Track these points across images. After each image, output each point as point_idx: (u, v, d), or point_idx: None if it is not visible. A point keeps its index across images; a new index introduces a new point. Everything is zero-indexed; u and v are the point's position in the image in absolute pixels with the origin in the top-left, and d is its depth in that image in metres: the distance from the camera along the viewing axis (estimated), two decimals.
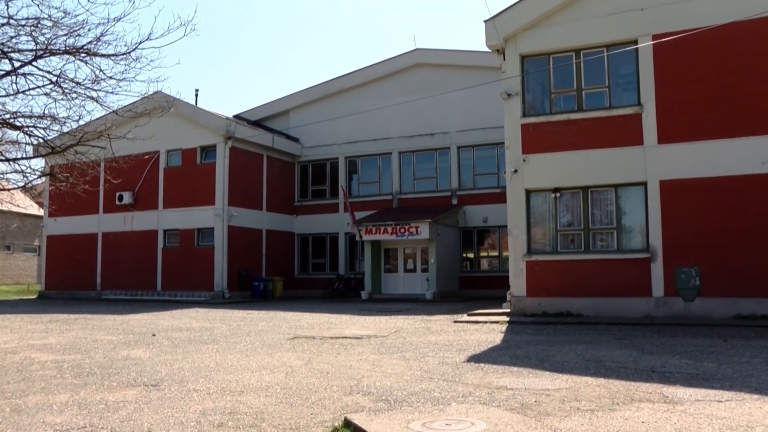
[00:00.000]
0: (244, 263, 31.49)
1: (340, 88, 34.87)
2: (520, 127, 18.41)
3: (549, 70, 18.49)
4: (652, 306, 16.67)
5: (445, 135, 32.14)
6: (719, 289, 16.09)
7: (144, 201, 32.37)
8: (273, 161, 34.20)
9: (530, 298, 17.79)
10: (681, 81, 16.95)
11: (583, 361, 9.92)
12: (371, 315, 20.07)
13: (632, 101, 17.54)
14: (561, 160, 17.92)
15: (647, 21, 17.31)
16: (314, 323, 17.37)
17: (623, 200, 17.58)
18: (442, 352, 11.18)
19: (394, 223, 29.30)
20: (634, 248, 17.23)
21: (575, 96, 18.18)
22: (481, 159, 31.70)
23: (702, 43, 16.53)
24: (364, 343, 12.72)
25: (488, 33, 18.80)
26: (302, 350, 11.81)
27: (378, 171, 34.18)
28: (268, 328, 16.24)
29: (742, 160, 16.15)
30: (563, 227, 18.07)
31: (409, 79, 33.28)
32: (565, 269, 17.68)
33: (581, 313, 17.10)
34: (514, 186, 18.35)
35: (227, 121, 31.43)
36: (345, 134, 34.33)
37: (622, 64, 17.94)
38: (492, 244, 31.78)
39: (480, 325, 16.21)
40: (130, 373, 9.31)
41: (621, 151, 17.39)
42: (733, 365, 9.36)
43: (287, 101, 36.33)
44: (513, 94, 18.50)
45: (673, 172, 16.82)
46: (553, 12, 18.35)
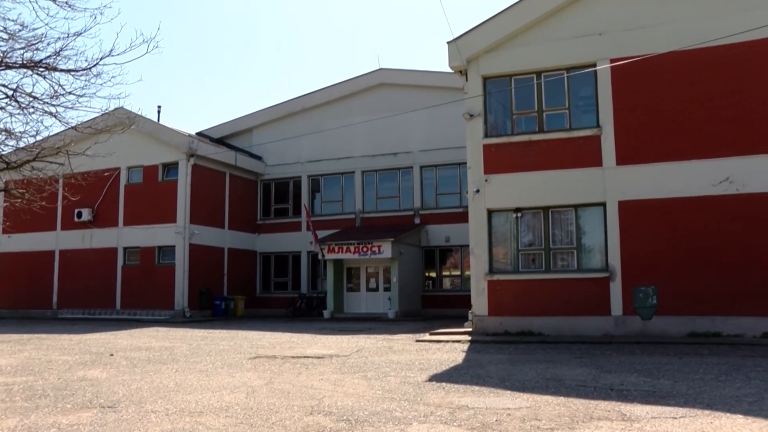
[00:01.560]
0: (205, 282, 31.13)
1: (304, 106, 34.87)
2: (482, 148, 18.59)
3: (511, 92, 18.74)
4: (611, 324, 16.88)
5: (408, 154, 32.30)
6: (675, 308, 16.38)
7: (104, 218, 31.83)
8: (236, 179, 33.97)
9: (492, 317, 17.88)
10: (638, 104, 17.32)
11: (544, 380, 9.99)
12: (333, 334, 19.97)
13: (591, 123, 17.85)
14: (522, 181, 18.13)
15: (605, 45, 17.68)
16: (276, 342, 17.22)
17: (583, 220, 17.83)
18: (403, 372, 11.17)
19: (357, 242, 29.27)
20: (594, 267, 17.46)
21: (536, 117, 18.44)
22: (443, 179, 31.90)
23: (658, 67, 16.95)
24: (326, 363, 12.65)
25: (451, 54, 19.02)
26: (263, 370, 11.70)
27: (341, 190, 34.17)
28: (229, 347, 16.05)
29: (696, 181, 16.53)
30: (524, 247, 18.24)
31: (373, 98, 33.44)
32: (526, 288, 17.83)
33: (542, 331, 17.24)
34: (476, 206, 18.50)
35: (190, 138, 31.17)
36: (308, 153, 34.30)
37: (581, 86, 18.27)
38: (454, 264, 31.91)
39: (442, 344, 16.24)
40: (86, 395, 9.11)
41: (581, 172, 17.66)
42: (688, 382, 9.53)
43: (250, 119, 36.20)
44: (475, 115, 18.70)
45: (631, 193, 17.13)
46: (514, 35, 18.64)
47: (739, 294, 15.88)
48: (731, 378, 9.90)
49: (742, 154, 16.23)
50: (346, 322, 26.71)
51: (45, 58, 11.08)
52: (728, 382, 9.48)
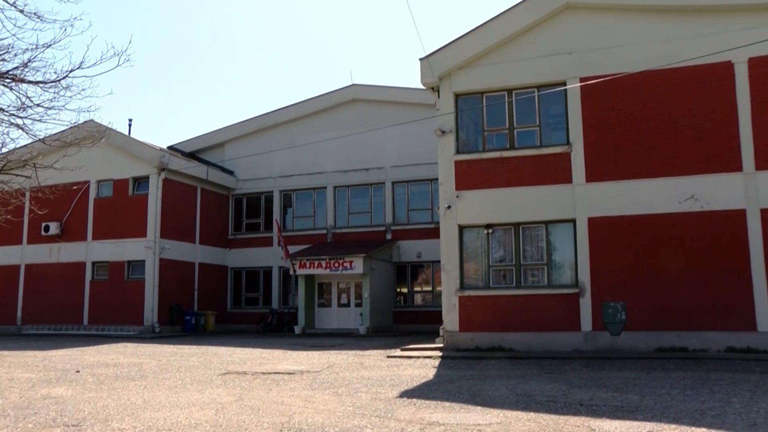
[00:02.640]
0: (175, 297, 30.77)
1: (276, 121, 34.81)
2: (453, 164, 18.71)
3: (482, 109, 18.90)
4: (581, 340, 17.01)
5: (380, 170, 32.37)
6: (643, 323, 16.57)
7: (72, 232, 31.35)
8: (207, 194, 33.73)
9: (463, 333, 17.92)
10: (607, 122, 17.59)
11: (515, 396, 10.03)
12: (304, 350, 19.86)
13: (562, 140, 18.07)
14: (493, 197, 18.26)
15: (575, 64, 17.96)
16: (246, 358, 17.07)
17: (553, 236, 17.99)
18: (375, 388, 11.14)
19: (329, 258, 29.19)
20: (564, 283, 17.60)
21: (507, 134, 18.61)
22: (415, 194, 31.99)
23: (627, 87, 17.24)
24: (297, 379, 12.57)
25: (423, 71, 19.17)
26: (233, 386, 11.59)
27: (313, 205, 34.09)
28: (199, 363, 15.88)
29: (663, 199, 16.81)
30: (495, 263, 18.34)
31: (345, 114, 33.49)
32: (497, 304, 17.90)
33: (513, 347, 17.30)
34: (447, 222, 18.58)
35: (161, 152, 30.90)
36: (280, 168, 34.20)
37: (552, 104, 18.49)
38: (426, 279, 31.95)
39: (413, 360, 16.22)
40: (50, 413, 8.94)
41: (551, 189, 17.85)
42: (655, 397, 9.64)
43: (223, 133, 36.03)
44: (447, 131, 18.82)
45: (601, 210, 17.34)
46: (486, 52, 18.84)
47: (705, 309, 16.15)
48: (696, 392, 10.05)
49: (706, 172, 16.58)
50: (318, 337, 26.57)
51: (12, 69, 10.94)
52: (693, 396, 9.62)
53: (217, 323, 32.68)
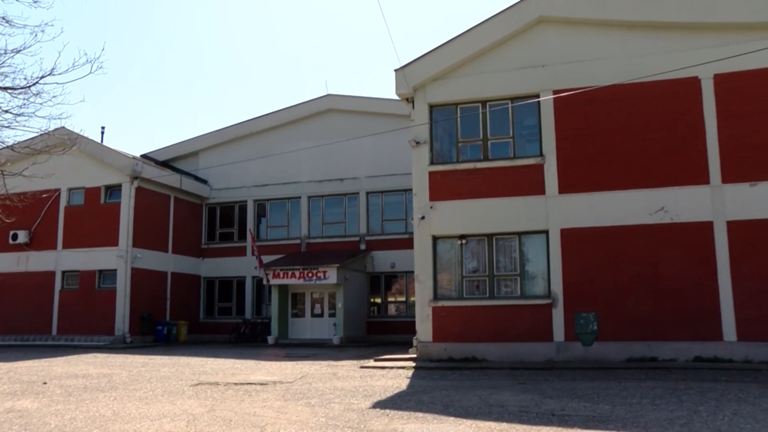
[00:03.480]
0: (147, 306, 30.43)
1: (251, 131, 34.69)
2: (427, 175, 18.78)
3: (456, 120, 19.02)
4: (554, 350, 17.12)
5: (355, 180, 32.40)
6: (615, 334, 16.74)
7: (41, 241, 30.86)
8: (180, 203, 33.47)
9: (436, 344, 17.94)
10: (580, 135, 17.80)
11: (487, 406, 10.07)
12: (277, 360, 19.75)
13: (535, 152, 18.23)
14: (467, 208, 18.36)
15: (548, 77, 18.17)
16: (219, 369, 16.93)
17: (526, 247, 18.12)
18: (348, 399, 11.11)
19: (302, 268, 29.11)
20: (537, 294, 17.72)
21: (481, 145, 18.74)
22: (389, 205, 32.04)
23: (599, 100, 17.47)
24: (269, 390, 12.50)
25: (398, 82, 19.26)
26: (205, 397, 11.49)
27: (287, 215, 33.98)
28: (171, 373, 15.72)
29: (634, 210, 17.04)
30: (469, 273, 18.41)
31: (320, 124, 33.49)
32: (470, 315, 17.97)
33: (486, 358, 17.36)
34: (421, 232, 18.63)
35: (134, 160, 30.60)
36: (254, 177, 34.06)
37: (525, 116, 18.66)
38: (399, 290, 31.95)
39: (386, 370, 16.21)
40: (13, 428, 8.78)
41: (524, 200, 17.99)
42: (626, 406, 9.74)
43: (197, 142, 35.81)
44: (421, 142, 18.91)
45: (573, 221, 17.52)
46: (460, 64, 18.98)
47: (674, 320, 16.38)
48: (665, 401, 10.17)
49: (676, 185, 16.86)
50: (291, 348, 26.45)
51: None
52: (662, 406, 9.74)
53: (190, 333, 32.38)
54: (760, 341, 15.75)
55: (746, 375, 13.83)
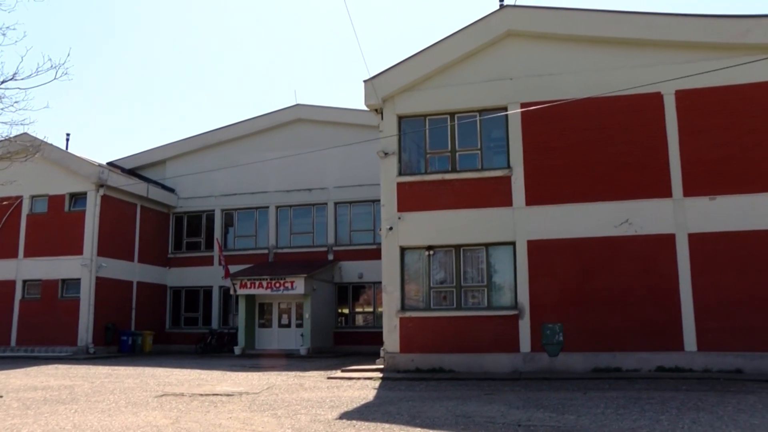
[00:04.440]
0: (112, 316, 29.97)
1: (219, 139, 34.51)
2: (395, 186, 18.86)
3: (425, 131, 19.15)
4: (520, 361, 17.26)
5: (323, 191, 32.38)
6: (580, 344, 16.95)
7: (1, 249, 30.25)
8: (147, 211, 33.11)
9: (403, 355, 17.97)
10: (547, 147, 18.03)
11: (454, 417, 10.11)
12: (244, 371, 19.60)
13: (502, 164, 18.42)
14: (435, 219, 18.46)
15: (516, 90, 18.40)
16: (184, 379, 16.76)
17: (494, 259, 18.26)
18: (314, 410, 11.08)
19: (270, 278, 28.97)
20: (504, 305, 17.85)
21: (449, 157, 18.88)
22: (357, 215, 32.08)
23: (566, 113, 17.72)
24: (235, 401, 12.40)
25: (367, 93, 19.33)
26: (170, 408, 11.36)
27: (255, 225, 33.82)
28: (135, 385, 15.51)
29: (600, 223, 17.30)
30: (436, 284, 18.49)
31: (289, 134, 33.45)
32: (437, 326, 18.03)
33: (453, 368, 17.44)
34: (389, 243, 18.68)
35: (99, 168, 30.23)
36: (222, 186, 33.87)
37: (493, 128, 18.86)
38: (367, 300, 31.95)
39: (353, 381, 16.19)
40: None
41: (492, 212, 18.15)
42: (590, 416, 9.86)
43: (164, 151, 35.50)
44: (390, 153, 18.99)
45: (540, 233, 17.71)
46: (429, 76, 19.13)
47: (637, 330, 16.64)
48: (628, 411, 10.33)
49: (640, 197, 17.18)
50: (258, 358, 26.27)
51: None
52: (626, 415, 9.89)
53: (155, 343, 32.00)
54: (718, 351, 16.11)
55: (705, 384, 14.16)
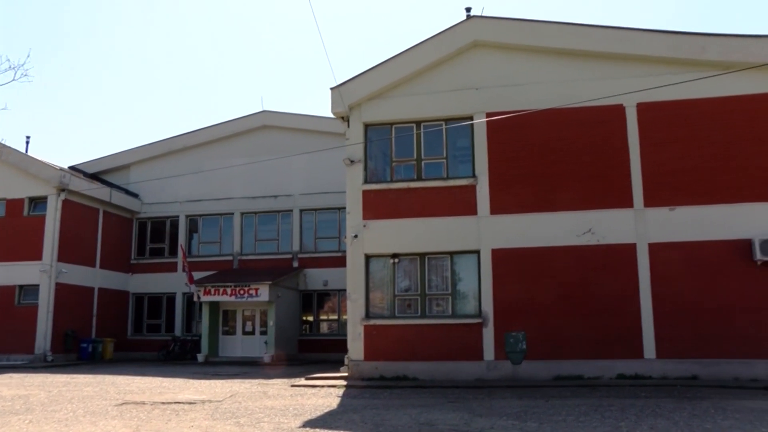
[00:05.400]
0: (72, 323, 29.44)
1: (184, 145, 34.23)
2: (361, 193, 18.90)
3: (391, 140, 19.22)
4: (484, 369, 17.37)
5: (289, 198, 32.30)
6: (543, 353, 17.13)
7: None
8: (110, 216, 32.65)
9: (368, 362, 17.98)
10: (512, 157, 18.23)
11: (417, 425, 10.13)
12: (207, 378, 19.41)
13: (468, 173, 18.56)
14: (400, 227, 18.53)
15: (482, 100, 18.59)
16: (146, 387, 16.53)
17: (458, 267, 18.38)
18: (278, 418, 11.03)
19: (234, 285, 28.77)
20: (468, 313, 17.97)
21: (415, 165, 18.98)
22: (323, 223, 32.07)
23: (531, 123, 17.96)
24: (198, 409, 12.28)
25: (334, 100, 19.35)
26: (130, 417, 11.20)
27: (219, 231, 33.58)
28: (94, 393, 15.25)
29: (563, 232, 17.55)
30: (401, 292, 18.54)
31: (255, 140, 33.34)
32: (402, 333, 18.08)
33: (417, 376, 17.49)
34: (354, 251, 18.69)
35: (61, 172, 29.71)
36: (187, 192, 33.58)
37: (459, 137, 19.01)
38: (332, 308, 31.91)
39: (318, 389, 16.14)
40: None
41: (457, 220, 18.27)
42: (552, 423, 9.98)
43: (128, 155, 35.09)
44: (356, 161, 19.02)
45: (504, 242, 17.88)
46: (395, 84, 19.23)
47: (599, 339, 16.90)
48: (589, 418, 10.48)
49: (602, 207, 17.48)
50: (221, 366, 26.05)
51: None
52: (587, 422, 10.03)
53: (117, 351, 31.55)
54: (676, 358, 16.48)
55: (663, 391, 14.47)
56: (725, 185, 17.01)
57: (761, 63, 16.58)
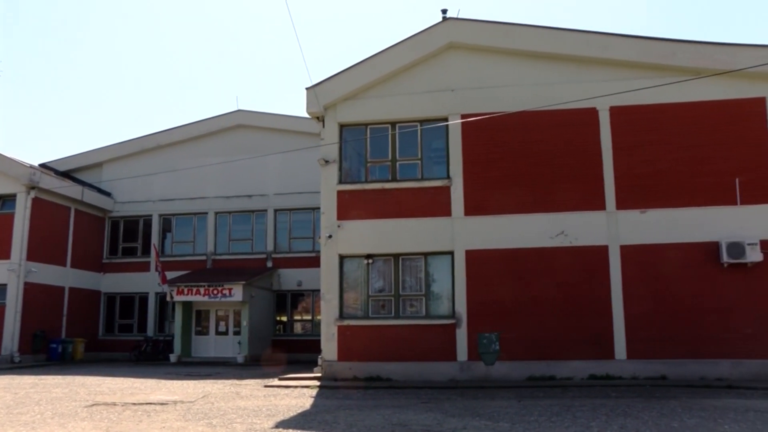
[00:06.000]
0: (42, 323, 28.99)
1: (158, 143, 33.93)
2: (336, 194, 18.89)
3: (366, 140, 19.24)
4: (457, 370, 17.46)
5: (263, 197, 32.17)
6: (516, 353, 17.26)
7: None
8: (81, 215, 32.23)
9: (341, 363, 17.97)
10: (486, 158, 18.34)
11: (390, 426, 10.15)
12: (179, 379, 19.27)
13: (442, 174, 18.64)
14: (374, 228, 18.55)
15: (457, 101, 18.68)
16: (117, 388, 16.37)
17: (432, 268, 18.44)
18: (250, 418, 10.99)
19: (207, 285, 28.60)
20: (442, 314, 18.04)
21: (390, 166, 19.02)
22: (297, 223, 31.99)
23: (506, 125, 18.09)
24: (170, 410, 12.19)
25: (309, 100, 19.32)
26: (100, 419, 11.08)
27: (193, 230, 33.35)
28: (63, 394, 15.04)
29: (537, 234, 17.70)
30: (375, 293, 18.57)
31: (230, 139, 33.16)
32: (375, 334, 18.10)
33: (391, 377, 17.52)
34: (328, 251, 18.68)
35: (31, 169, 29.24)
36: (160, 191, 33.29)
37: (434, 138, 19.08)
38: (306, 308, 31.84)
39: (291, 389, 16.11)
40: None
41: (431, 221, 18.34)
42: (524, 424, 10.06)
43: (101, 153, 34.66)
44: (330, 161, 19.01)
45: (478, 243, 17.98)
46: (371, 85, 19.25)
47: (571, 340, 17.08)
48: (561, 418, 10.58)
49: (575, 210, 17.66)
50: (194, 366, 25.87)
51: None
52: (558, 422, 10.13)
53: (88, 351, 31.15)
54: (645, 359, 16.75)
55: (633, 391, 14.68)
56: (694, 189, 17.30)
57: (728, 70, 16.90)
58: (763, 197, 17.03)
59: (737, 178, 17.15)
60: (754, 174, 17.16)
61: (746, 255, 16.52)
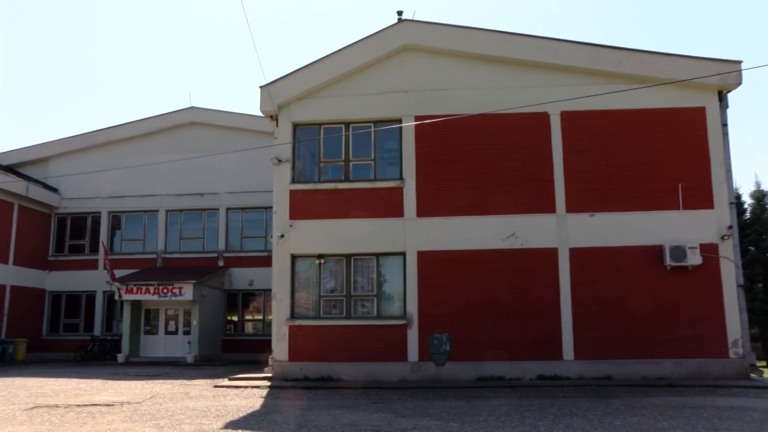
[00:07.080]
0: None
1: (108, 139, 33.25)
2: (288, 193, 18.82)
3: (319, 140, 19.21)
4: (408, 370, 17.56)
5: (215, 196, 31.84)
6: (465, 354, 17.45)
7: None
8: (26, 211, 31.41)
9: (292, 363, 17.92)
10: (439, 160, 18.49)
11: (340, 426, 10.18)
12: (127, 379, 18.95)
13: (395, 175, 18.73)
14: (327, 228, 18.54)
15: (410, 103, 18.79)
16: (60, 390, 16.01)
17: (384, 268, 18.51)
18: (199, 419, 10.89)
19: (157, 283, 28.18)
20: (393, 315, 18.12)
21: (343, 166, 19.02)
22: (249, 222, 31.76)
23: (459, 128, 18.26)
24: (116, 411, 12.00)
25: (263, 99, 19.20)
26: (41, 422, 10.80)
27: (143, 228, 32.81)
28: (1, 397, 14.62)
29: (488, 236, 17.92)
30: (327, 293, 18.55)
31: (182, 136, 32.71)
32: (327, 334, 18.09)
33: (342, 377, 17.53)
34: (280, 251, 18.60)
35: None
36: (110, 188, 32.64)
37: (387, 140, 19.15)
38: (257, 308, 31.63)
39: (241, 390, 16.00)
40: None
41: (384, 222, 18.41)
42: (473, 424, 10.19)
43: (47, 148, 33.79)
44: (283, 160, 18.93)
45: (430, 244, 18.12)
46: (325, 85, 19.23)
47: (520, 340, 17.34)
48: (510, 418, 10.75)
49: (527, 212, 17.94)
50: (142, 366, 25.47)
51: None
52: (507, 422, 10.29)
53: (30, 352, 30.35)
54: (592, 359, 17.12)
55: (579, 390, 14.99)
56: (640, 193, 17.74)
57: (669, 80, 17.42)
58: (703, 203, 17.59)
59: (680, 183, 17.65)
60: (695, 181, 17.70)
61: (687, 258, 17.02)
